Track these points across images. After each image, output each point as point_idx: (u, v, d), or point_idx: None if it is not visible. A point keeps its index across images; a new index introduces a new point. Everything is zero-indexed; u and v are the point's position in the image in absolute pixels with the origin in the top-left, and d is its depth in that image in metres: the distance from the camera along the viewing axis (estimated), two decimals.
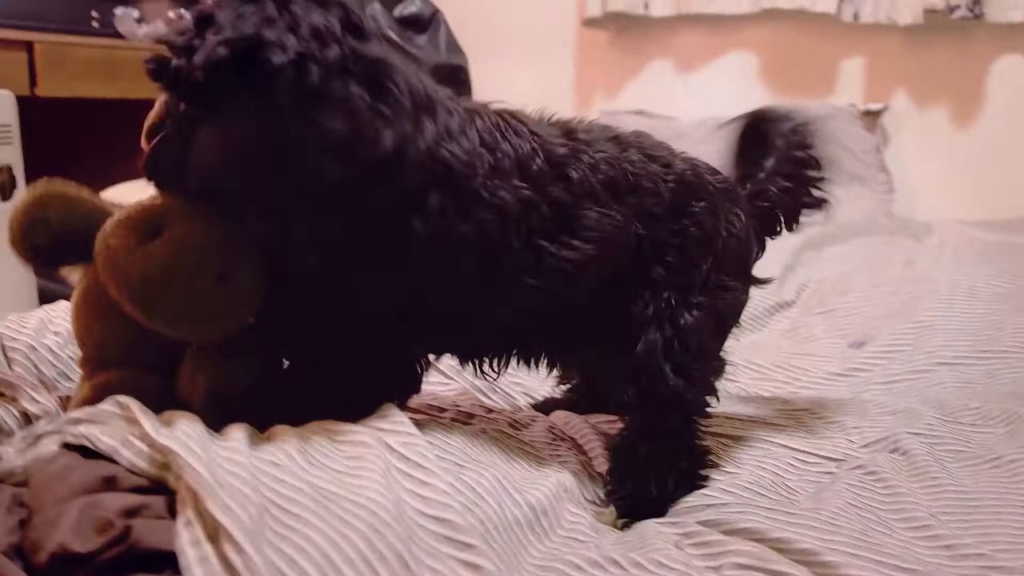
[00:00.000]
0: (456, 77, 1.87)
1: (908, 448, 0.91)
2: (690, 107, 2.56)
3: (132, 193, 0.82)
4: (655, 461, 0.83)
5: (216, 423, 0.66)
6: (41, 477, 0.62)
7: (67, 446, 0.64)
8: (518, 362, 0.87)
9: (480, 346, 0.83)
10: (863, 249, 1.72)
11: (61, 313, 1.01)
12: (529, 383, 1.09)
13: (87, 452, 0.64)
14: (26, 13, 2.04)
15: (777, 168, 0.97)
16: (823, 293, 1.55)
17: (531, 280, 0.76)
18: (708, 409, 0.88)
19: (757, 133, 0.99)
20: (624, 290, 0.84)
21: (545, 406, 1.05)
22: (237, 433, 0.64)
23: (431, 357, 0.83)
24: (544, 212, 0.76)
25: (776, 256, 1.63)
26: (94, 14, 2.21)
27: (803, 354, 1.33)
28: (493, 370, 0.85)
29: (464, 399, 1.04)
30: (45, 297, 1.64)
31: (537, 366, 0.90)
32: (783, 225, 0.99)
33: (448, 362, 0.95)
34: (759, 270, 0.96)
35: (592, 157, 0.80)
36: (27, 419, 0.75)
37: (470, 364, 0.84)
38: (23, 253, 0.74)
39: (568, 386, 1.06)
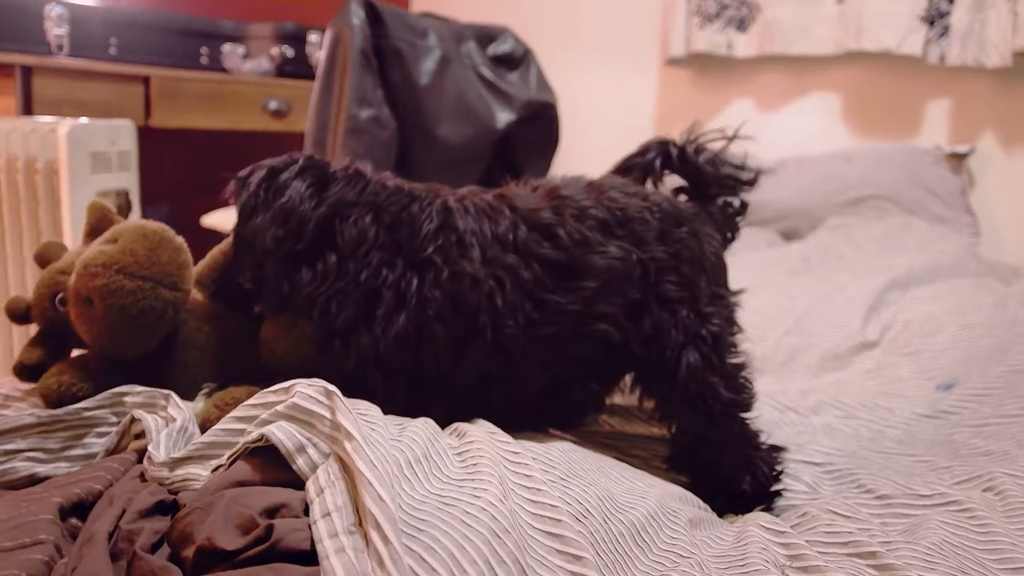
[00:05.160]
0: (545, 114, 1.92)
1: (1003, 488, 0.90)
2: (772, 146, 2.56)
3: (231, 219, 0.92)
4: (737, 464, 0.91)
5: None
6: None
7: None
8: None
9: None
10: (950, 291, 1.68)
11: None
12: None
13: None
14: (144, 49, 2.18)
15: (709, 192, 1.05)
16: (909, 334, 1.52)
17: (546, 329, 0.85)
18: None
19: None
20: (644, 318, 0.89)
21: None
22: (377, 420, 0.68)
23: None
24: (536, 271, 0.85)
25: (860, 296, 1.64)
26: (203, 50, 2.35)
27: (889, 394, 1.31)
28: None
29: None
30: None
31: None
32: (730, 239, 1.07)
33: None
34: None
35: (577, 207, 0.88)
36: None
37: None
38: None
39: None
